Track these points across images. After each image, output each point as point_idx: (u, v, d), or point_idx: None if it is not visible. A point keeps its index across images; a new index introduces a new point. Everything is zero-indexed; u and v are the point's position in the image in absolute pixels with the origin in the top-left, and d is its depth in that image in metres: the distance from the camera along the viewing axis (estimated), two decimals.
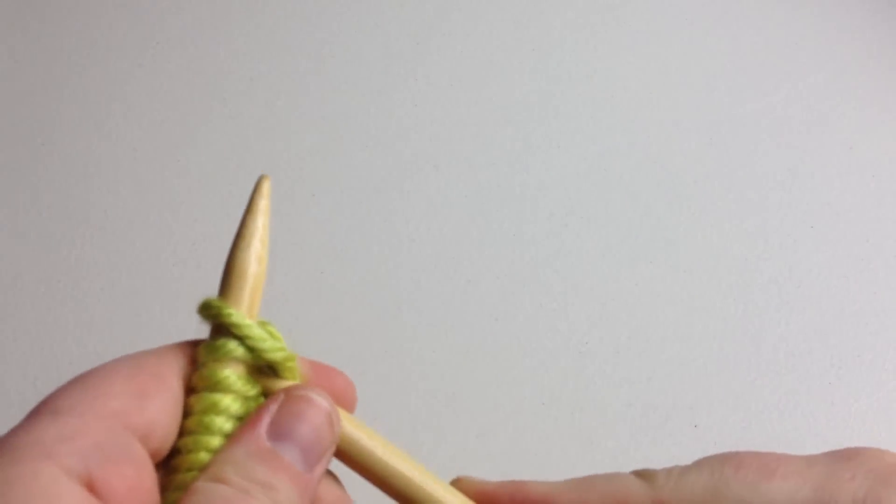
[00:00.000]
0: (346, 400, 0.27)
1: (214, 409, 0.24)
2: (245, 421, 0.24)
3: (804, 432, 0.50)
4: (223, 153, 0.58)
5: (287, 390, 0.25)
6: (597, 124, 0.59)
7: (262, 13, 0.64)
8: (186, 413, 0.25)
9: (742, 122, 0.60)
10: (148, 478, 0.23)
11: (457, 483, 0.29)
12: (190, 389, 0.25)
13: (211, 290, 0.27)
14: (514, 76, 0.61)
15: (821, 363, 0.52)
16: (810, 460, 0.28)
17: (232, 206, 0.56)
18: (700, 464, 0.30)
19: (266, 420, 0.24)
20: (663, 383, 0.51)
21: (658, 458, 0.49)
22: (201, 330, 0.26)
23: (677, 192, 0.57)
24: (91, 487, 0.22)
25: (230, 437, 0.24)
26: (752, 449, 0.45)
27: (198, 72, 0.61)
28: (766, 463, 0.29)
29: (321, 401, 0.25)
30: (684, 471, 0.29)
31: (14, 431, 0.22)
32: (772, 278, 0.54)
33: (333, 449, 0.25)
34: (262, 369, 0.26)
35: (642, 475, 0.29)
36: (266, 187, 0.28)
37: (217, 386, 0.25)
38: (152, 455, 0.24)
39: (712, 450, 0.52)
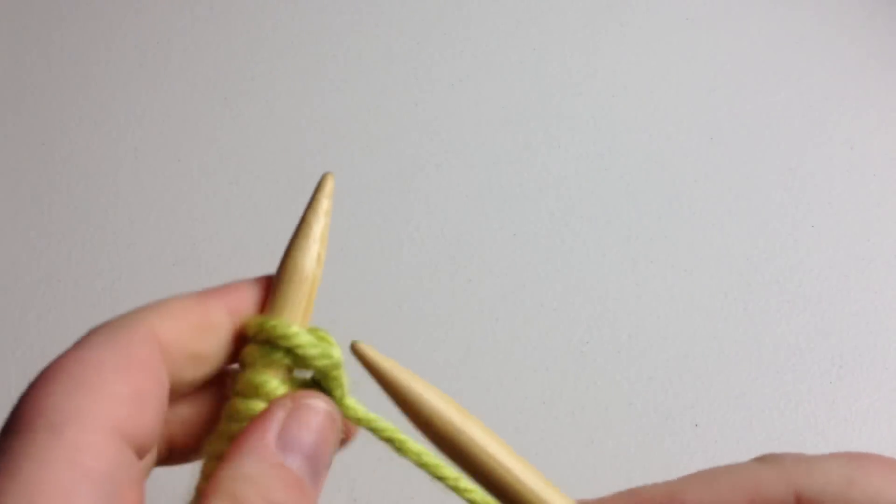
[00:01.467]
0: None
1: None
2: (251, 427, 0.24)
3: (805, 432, 0.50)
4: (223, 153, 0.58)
5: (294, 396, 0.24)
6: (597, 124, 0.59)
7: (263, 13, 0.64)
8: (226, 414, 0.24)
9: (742, 122, 0.60)
10: (143, 496, 0.22)
11: None
12: (232, 391, 0.25)
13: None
14: (514, 76, 0.61)
15: (822, 363, 0.52)
16: None
17: (232, 206, 0.56)
18: (833, 454, 0.29)
19: (274, 427, 0.23)
20: (663, 383, 0.51)
21: (658, 458, 0.49)
22: None
23: (678, 192, 0.57)
24: None
25: (238, 442, 0.23)
26: (751, 449, 0.45)
27: (198, 72, 0.61)
28: None
29: (324, 406, 0.24)
30: (815, 457, 0.28)
31: (14, 458, 0.20)
32: (772, 278, 0.54)
33: (333, 459, 0.25)
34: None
35: (767, 460, 0.28)
36: (330, 186, 0.27)
37: (256, 392, 0.24)
38: (140, 458, 0.23)
39: (712, 450, 0.52)
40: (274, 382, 0.24)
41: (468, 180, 0.57)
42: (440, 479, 0.26)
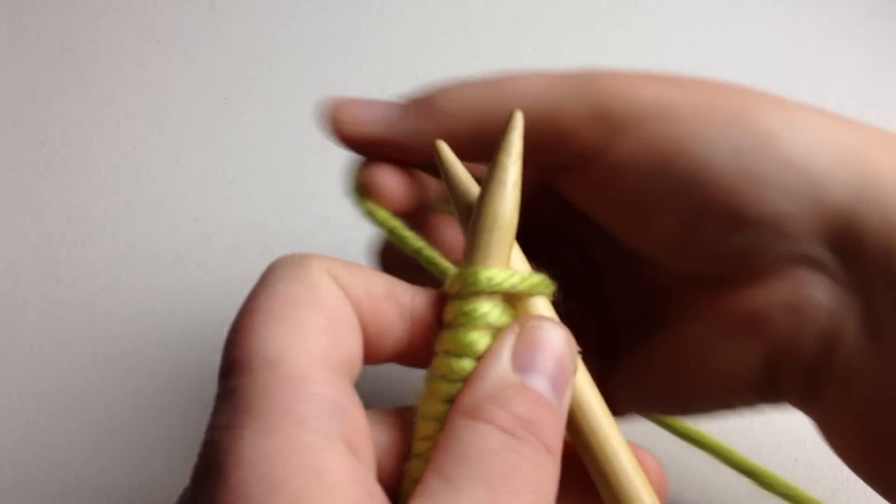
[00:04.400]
0: (655, 486, 0.26)
1: (474, 346, 0.24)
2: (485, 356, 0.24)
3: (805, 432, 0.49)
4: (223, 153, 0.58)
5: (521, 321, 0.24)
6: None
7: (263, 13, 0.64)
8: (444, 344, 0.24)
9: None
10: (366, 418, 0.23)
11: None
12: (444, 323, 0.25)
13: (212, 289, 0.27)
14: None
15: None
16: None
17: (232, 206, 0.56)
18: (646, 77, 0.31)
19: (507, 353, 0.23)
20: None
21: (658, 458, 0.49)
22: (205, 335, 0.26)
23: None
24: (350, 445, 0.21)
25: (474, 373, 0.23)
26: (751, 449, 0.45)
27: (198, 71, 0.61)
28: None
29: (558, 328, 0.24)
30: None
31: (243, 395, 0.21)
32: None
33: (574, 379, 0.25)
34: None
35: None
36: (521, 124, 0.26)
37: (466, 351, 0.24)
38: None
39: None
40: (485, 341, 0.24)
41: None
42: None
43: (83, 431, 0.48)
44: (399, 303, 0.25)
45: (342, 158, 0.58)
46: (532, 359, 0.23)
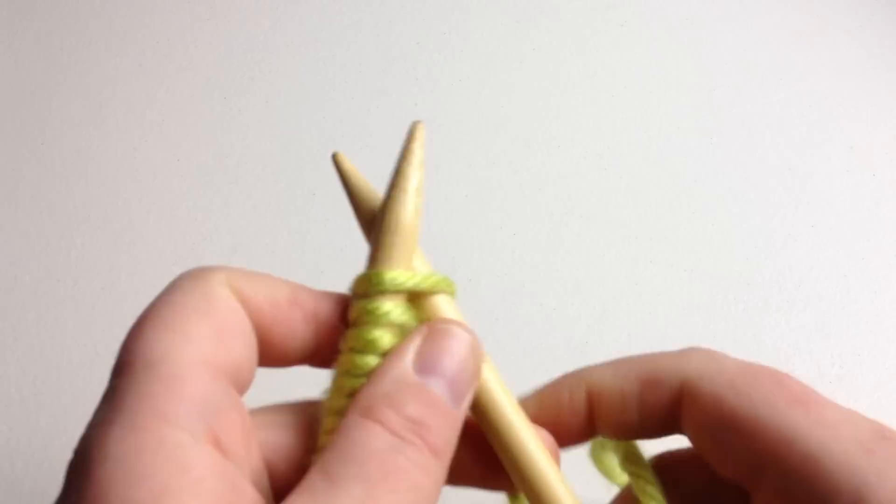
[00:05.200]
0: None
1: (374, 345, 0.24)
2: (390, 355, 0.24)
3: None
4: (223, 153, 0.58)
5: (430, 324, 0.25)
6: (597, 124, 0.59)
7: (263, 13, 0.64)
8: (349, 342, 0.25)
9: (742, 122, 0.60)
10: (247, 419, 0.23)
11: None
12: (350, 322, 0.25)
13: None
14: (515, 76, 0.61)
15: (821, 362, 0.52)
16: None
17: (232, 206, 0.56)
18: (741, 362, 0.28)
19: (411, 354, 0.24)
20: None
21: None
22: None
23: (677, 192, 0.57)
24: (217, 444, 0.21)
25: (376, 370, 0.24)
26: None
27: (198, 71, 0.61)
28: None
29: (464, 333, 0.25)
30: (722, 357, 0.29)
31: (119, 394, 0.21)
32: (772, 278, 0.54)
33: (477, 384, 0.25)
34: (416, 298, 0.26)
35: (684, 351, 0.29)
36: (422, 135, 0.27)
37: (370, 348, 0.24)
38: (240, 391, 0.24)
39: None
40: (388, 338, 0.24)
41: (467, 180, 0.57)
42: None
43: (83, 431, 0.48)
44: (302, 307, 0.25)
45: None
46: (435, 361, 0.24)
